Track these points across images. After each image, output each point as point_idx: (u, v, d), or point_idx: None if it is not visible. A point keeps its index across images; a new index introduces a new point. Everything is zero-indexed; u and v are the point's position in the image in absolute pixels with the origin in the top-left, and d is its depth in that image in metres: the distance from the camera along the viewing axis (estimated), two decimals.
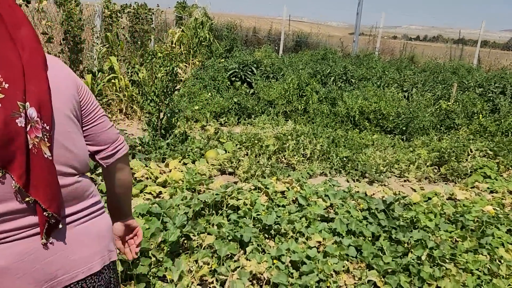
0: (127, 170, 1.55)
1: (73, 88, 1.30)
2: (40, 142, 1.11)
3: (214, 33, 13.30)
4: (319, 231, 3.53)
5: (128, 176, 1.56)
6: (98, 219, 1.39)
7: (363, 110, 7.67)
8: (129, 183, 1.58)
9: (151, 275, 2.79)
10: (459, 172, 5.68)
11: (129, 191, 1.62)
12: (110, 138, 1.44)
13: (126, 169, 1.54)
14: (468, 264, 3.12)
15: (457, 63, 12.87)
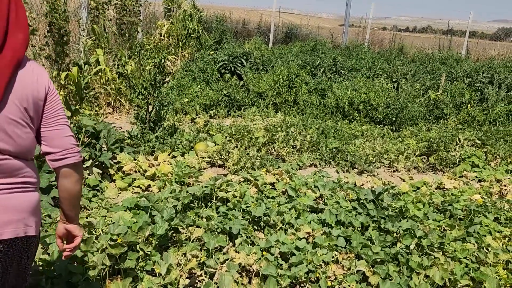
0: (74, 179, 1.66)
1: (37, 92, 1.54)
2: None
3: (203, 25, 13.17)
4: (308, 222, 3.53)
5: (73, 186, 1.67)
6: (21, 195, 1.55)
7: (353, 101, 7.67)
8: (73, 191, 1.69)
9: (138, 269, 2.76)
10: (448, 162, 5.72)
11: (73, 200, 1.71)
12: (63, 145, 1.62)
13: (73, 178, 1.66)
14: (456, 252, 3.15)
15: (446, 54, 12.91)
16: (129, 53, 8.19)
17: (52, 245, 2.73)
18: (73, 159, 1.63)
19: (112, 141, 4.70)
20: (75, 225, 1.77)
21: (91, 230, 2.99)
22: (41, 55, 6.03)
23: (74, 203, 1.72)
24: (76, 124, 4.62)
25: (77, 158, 1.64)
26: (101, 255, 2.60)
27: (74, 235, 1.79)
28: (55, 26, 5.94)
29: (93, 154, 4.38)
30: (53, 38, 6.07)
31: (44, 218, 3.30)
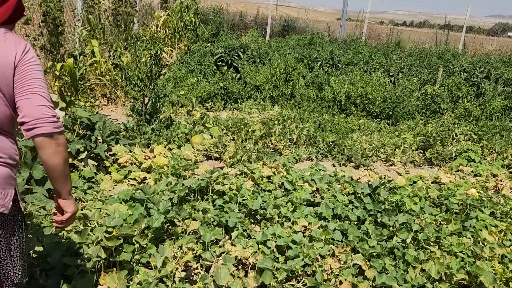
0: (50, 151, 1.61)
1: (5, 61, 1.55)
2: None
3: (200, 17, 13.06)
4: (305, 216, 3.52)
5: (50, 158, 1.62)
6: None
7: (350, 95, 7.65)
8: (51, 164, 1.64)
9: (134, 261, 2.75)
10: (444, 156, 5.72)
11: (54, 173, 1.67)
12: (34, 114, 1.57)
13: (48, 149, 1.60)
14: (452, 246, 3.15)
15: (443, 48, 12.90)
16: (125, 44, 8.12)
17: (47, 237, 2.71)
18: (45, 129, 1.57)
19: (107, 133, 4.66)
20: (65, 200, 1.76)
21: (86, 222, 2.97)
22: (36, 45, 5.95)
23: (55, 176, 1.68)
24: (71, 115, 4.57)
25: (49, 129, 1.58)
26: (96, 247, 2.58)
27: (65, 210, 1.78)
28: (50, 16, 5.86)
29: (88, 146, 4.34)
30: (48, 28, 5.99)
31: (39, 210, 3.27)
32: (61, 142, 1.63)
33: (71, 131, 4.44)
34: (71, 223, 1.84)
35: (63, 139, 1.63)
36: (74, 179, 3.96)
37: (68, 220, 1.79)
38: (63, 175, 1.69)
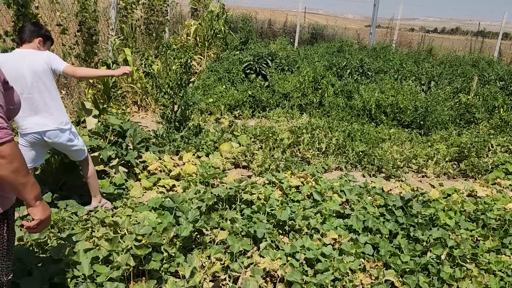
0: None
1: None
2: None
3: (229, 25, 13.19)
4: (334, 228, 3.45)
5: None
6: None
7: (380, 104, 7.50)
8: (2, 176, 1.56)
9: (163, 270, 2.74)
10: (480, 168, 5.51)
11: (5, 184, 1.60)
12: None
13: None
14: (491, 264, 3.01)
15: (477, 56, 12.52)
16: (156, 52, 8.26)
17: (78, 243, 2.75)
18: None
19: (138, 140, 4.72)
20: (31, 207, 1.72)
21: (117, 229, 3.00)
22: (71, 54, 6.12)
23: (9, 186, 1.62)
24: (104, 122, 4.66)
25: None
26: (126, 255, 2.59)
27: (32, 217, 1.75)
28: (85, 26, 6.03)
29: (119, 153, 4.40)
30: (83, 37, 6.16)
31: (71, 216, 3.32)
32: (4, 153, 1.53)
33: (103, 138, 4.53)
34: (43, 228, 1.81)
35: (8, 149, 1.53)
36: (105, 185, 4.02)
37: (38, 226, 1.76)
38: (18, 184, 1.61)
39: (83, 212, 3.49)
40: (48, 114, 3.21)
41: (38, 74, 3.13)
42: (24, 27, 3.25)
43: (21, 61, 3.10)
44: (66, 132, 3.32)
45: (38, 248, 2.81)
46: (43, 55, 3.19)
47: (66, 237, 2.81)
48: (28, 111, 3.13)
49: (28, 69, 3.10)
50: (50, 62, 3.20)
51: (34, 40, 3.24)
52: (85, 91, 6.17)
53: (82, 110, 4.84)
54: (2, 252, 1.75)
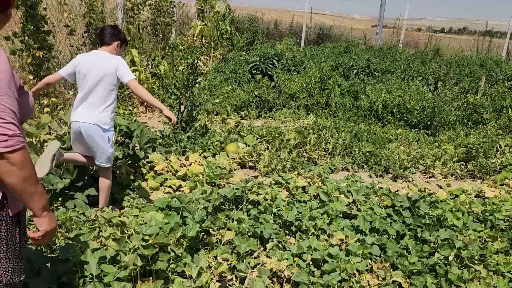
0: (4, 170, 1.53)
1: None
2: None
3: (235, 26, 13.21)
4: (341, 228, 3.43)
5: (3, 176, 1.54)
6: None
7: (387, 104, 7.48)
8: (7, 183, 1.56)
9: (170, 270, 2.75)
10: (488, 169, 5.47)
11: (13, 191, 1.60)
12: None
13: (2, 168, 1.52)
14: (499, 266, 2.98)
15: (485, 56, 12.44)
16: (163, 53, 8.29)
17: (86, 243, 2.76)
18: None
19: (144, 141, 4.74)
20: (37, 218, 1.69)
21: (124, 229, 3.01)
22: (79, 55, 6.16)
23: (17, 194, 1.61)
24: None
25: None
26: (133, 255, 2.60)
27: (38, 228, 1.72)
28: (92, 27, 6.06)
29: (126, 153, 4.42)
30: (90, 38, 6.20)
31: (79, 216, 3.34)
32: (15, 161, 1.52)
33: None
34: (49, 240, 1.78)
35: (18, 157, 1.53)
36: (112, 185, 4.03)
37: (43, 237, 1.73)
38: (26, 193, 1.60)
39: (91, 212, 3.51)
40: (94, 110, 3.37)
41: (103, 75, 3.34)
42: (104, 30, 3.48)
43: (94, 60, 3.37)
44: (102, 132, 3.41)
45: (46, 248, 2.83)
46: (114, 59, 3.39)
47: (73, 237, 2.82)
48: (81, 103, 3.39)
49: (96, 68, 3.33)
50: (118, 69, 3.37)
51: (113, 43, 3.47)
52: None
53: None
54: (15, 253, 1.74)
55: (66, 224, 3.08)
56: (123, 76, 3.38)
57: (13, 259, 1.74)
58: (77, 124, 3.38)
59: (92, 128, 3.36)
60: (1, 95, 1.51)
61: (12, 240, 1.72)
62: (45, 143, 4.31)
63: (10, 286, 1.75)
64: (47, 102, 5.25)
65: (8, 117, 1.52)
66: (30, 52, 5.05)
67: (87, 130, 3.36)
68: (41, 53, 5.11)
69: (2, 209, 1.66)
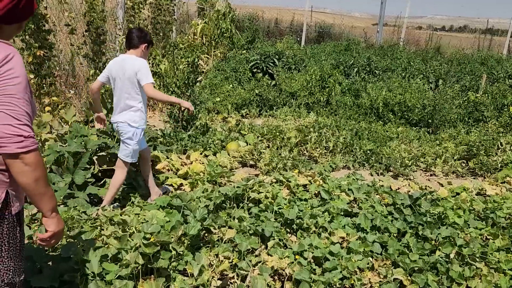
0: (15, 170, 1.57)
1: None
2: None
3: (236, 25, 13.20)
4: (342, 226, 3.43)
5: (17, 177, 1.59)
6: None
7: (388, 102, 7.47)
8: (20, 183, 1.61)
9: (171, 268, 2.76)
10: (489, 167, 5.47)
11: (26, 191, 1.64)
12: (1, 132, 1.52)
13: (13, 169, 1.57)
14: (501, 263, 2.98)
15: (486, 54, 12.43)
16: (163, 52, 8.29)
17: (87, 242, 2.77)
18: (7, 149, 1.52)
19: (146, 139, 4.74)
20: (46, 218, 1.73)
21: (125, 228, 3.01)
22: (79, 54, 6.17)
23: (28, 194, 1.65)
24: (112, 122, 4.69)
25: (11, 149, 1.52)
26: (135, 253, 2.61)
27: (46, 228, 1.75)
28: (93, 26, 6.06)
29: None
30: (91, 37, 6.20)
31: (80, 215, 3.35)
32: (29, 161, 1.56)
33: (111, 137, 4.55)
34: (56, 242, 1.81)
35: (32, 158, 1.57)
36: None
37: (51, 238, 1.76)
38: (37, 194, 1.64)
39: (92, 211, 3.52)
40: (122, 110, 3.64)
41: (127, 78, 3.55)
42: (131, 34, 3.66)
43: (121, 64, 3.59)
44: (130, 129, 3.64)
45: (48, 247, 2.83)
46: (137, 62, 3.55)
47: (75, 236, 2.83)
48: (116, 106, 3.68)
49: (123, 72, 3.55)
50: (139, 71, 3.52)
51: (140, 46, 3.65)
52: None
53: (90, 110, 4.87)
54: (16, 252, 1.76)
55: (67, 223, 3.09)
56: (140, 79, 3.52)
57: (14, 258, 1.76)
58: (115, 124, 3.72)
59: (123, 125, 3.65)
60: (19, 98, 1.56)
61: (13, 239, 1.74)
62: (46, 141, 4.32)
63: (11, 286, 1.76)
64: (48, 101, 5.26)
65: (24, 119, 1.56)
66: (31, 51, 5.05)
67: (119, 128, 3.68)
68: (42, 52, 5.11)
69: (5, 207, 1.68)
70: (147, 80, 3.52)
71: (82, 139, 4.11)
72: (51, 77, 5.39)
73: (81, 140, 4.08)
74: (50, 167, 3.81)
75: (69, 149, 3.86)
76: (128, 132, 3.64)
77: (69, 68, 6.29)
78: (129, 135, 3.65)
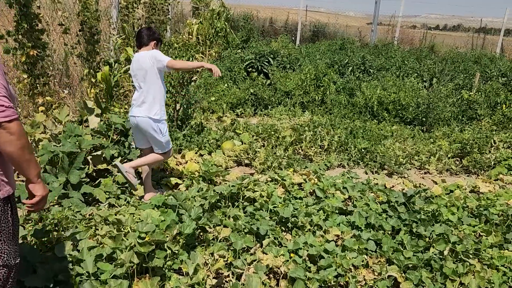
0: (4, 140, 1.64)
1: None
2: None
3: (230, 24, 13.19)
4: (337, 224, 3.45)
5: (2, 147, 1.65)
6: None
7: (382, 101, 7.50)
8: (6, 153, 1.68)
9: (166, 267, 2.76)
10: (482, 164, 5.50)
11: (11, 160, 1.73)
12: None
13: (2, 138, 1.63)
14: (493, 260, 3.01)
15: (479, 52, 12.50)
16: None
17: (82, 241, 2.76)
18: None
19: None
20: (33, 184, 1.84)
21: (120, 227, 3.01)
22: (73, 53, 6.14)
23: (14, 163, 1.74)
24: (106, 121, 4.68)
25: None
26: (129, 252, 2.60)
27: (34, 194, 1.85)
28: (87, 25, 6.04)
29: (122, 152, 4.42)
30: (85, 37, 6.17)
31: (75, 214, 3.34)
32: (13, 130, 1.64)
33: (106, 137, 4.54)
34: (42, 206, 1.91)
35: (16, 127, 1.64)
36: (108, 184, 4.04)
37: (38, 203, 1.86)
38: (24, 161, 1.73)
39: (87, 211, 3.51)
40: (144, 104, 3.76)
41: (144, 72, 3.70)
42: (141, 33, 3.84)
43: (136, 62, 3.75)
44: (154, 123, 3.77)
45: (42, 247, 2.83)
46: (148, 54, 3.70)
47: (70, 235, 2.82)
48: (135, 101, 3.82)
49: (139, 69, 3.72)
50: (153, 59, 3.67)
51: (150, 43, 3.83)
52: (87, 91, 6.18)
53: (84, 109, 4.86)
54: (8, 236, 1.83)
55: (62, 223, 3.08)
56: (160, 62, 3.66)
57: (8, 241, 1.83)
58: (134, 118, 3.81)
59: (145, 120, 3.75)
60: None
61: (5, 223, 1.81)
62: (40, 141, 4.30)
63: (7, 268, 1.85)
64: (42, 101, 5.23)
65: (2, 91, 1.64)
66: (24, 51, 5.03)
67: (141, 123, 3.77)
68: (35, 51, 5.08)
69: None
70: (166, 58, 3.66)
71: (76, 139, 4.10)
72: (44, 76, 5.36)
73: (75, 140, 4.06)
74: (44, 167, 3.80)
75: (63, 149, 3.84)
76: (151, 127, 3.78)
77: (63, 68, 6.26)
78: (152, 129, 3.79)
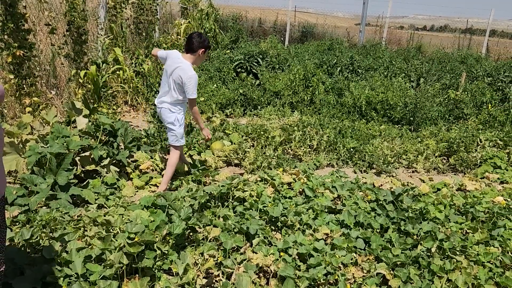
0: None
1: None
2: None
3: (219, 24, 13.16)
4: (326, 223, 3.48)
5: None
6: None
7: (370, 101, 7.56)
8: None
9: (156, 268, 2.75)
10: (469, 163, 5.59)
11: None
12: None
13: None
14: (480, 256, 3.06)
15: (466, 53, 12.65)
16: (146, 52, 8.22)
17: (71, 242, 2.74)
18: None
19: (129, 140, 4.71)
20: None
21: (109, 228, 2.99)
22: (60, 54, 6.09)
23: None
24: (94, 122, 4.64)
25: None
26: (119, 253, 2.59)
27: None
28: (74, 25, 5.99)
29: (111, 152, 4.39)
30: (72, 37, 6.12)
31: (63, 216, 3.31)
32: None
33: (94, 138, 4.51)
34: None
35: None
36: (97, 185, 4.01)
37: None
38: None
39: (75, 212, 3.48)
40: (168, 96, 4.03)
41: (177, 82, 3.93)
42: (192, 39, 3.95)
43: (176, 66, 3.91)
44: (172, 114, 4.05)
45: (30, 248, 2.80)
46: (187, 74, 3.85)
47: (58, 237, 2.80)
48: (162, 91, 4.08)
49: (175, 74, 3.92)
50: (184, 85, 3.88)
51: (198, 51, 3.97)
52: (75, 91, 6.13)
53: (72, 110, 4.82)
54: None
55: (50, 224, 3.05)
56: (187, 91, 3.91)
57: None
58: (158, 109, 4.13)
59: (166, 110, 4.06)
60: None
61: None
62: (27, 142, 4.25)
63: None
64: (28, 102, 5.18)
65: None
66: (10, 51, 4.97)
67: (162, 112, 4.07)
68: (21, 52, 5.03)
69: None
70: (192, 95, 3.90)
71: (64, 139, 4.06)
72: (31, 77, 5.31)
73: (63, 141, 4.03)
74: (32, 168, 3.76)
75: (51, 150, 3.81)
76: (170, 117, 4.02)
77: (50, 69, 6.20)
78: (171, 120, 4.03)
